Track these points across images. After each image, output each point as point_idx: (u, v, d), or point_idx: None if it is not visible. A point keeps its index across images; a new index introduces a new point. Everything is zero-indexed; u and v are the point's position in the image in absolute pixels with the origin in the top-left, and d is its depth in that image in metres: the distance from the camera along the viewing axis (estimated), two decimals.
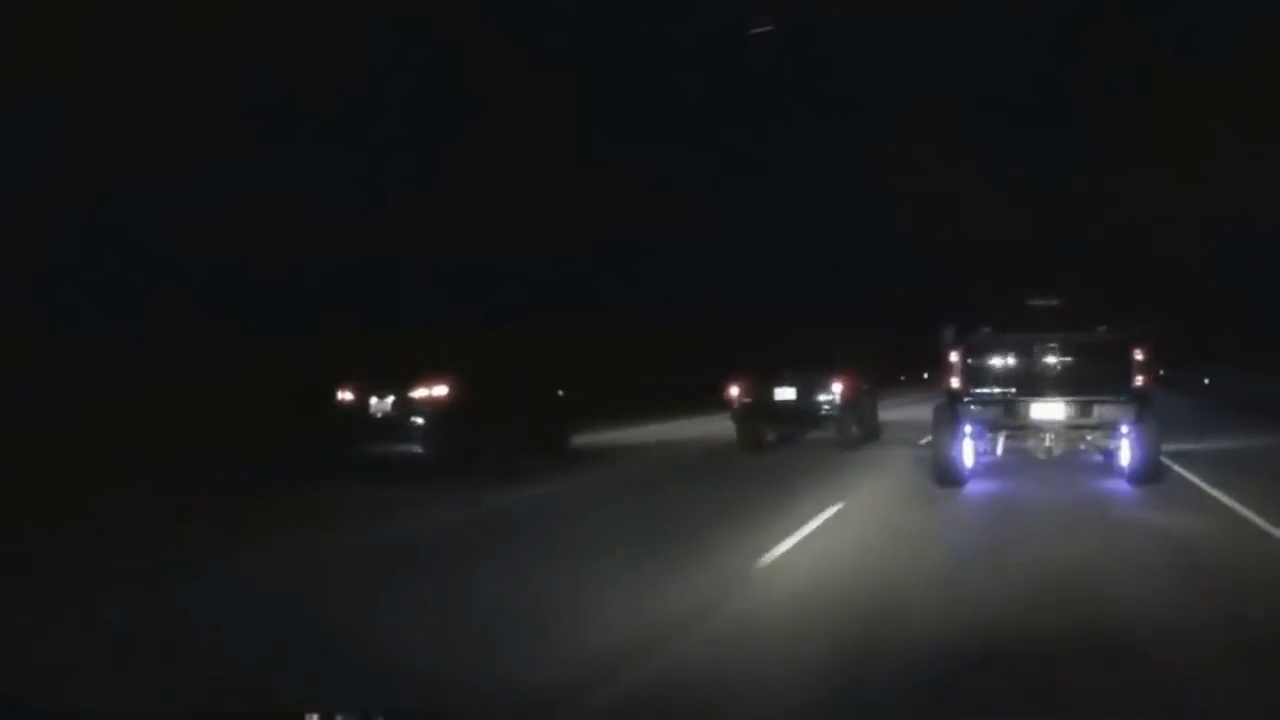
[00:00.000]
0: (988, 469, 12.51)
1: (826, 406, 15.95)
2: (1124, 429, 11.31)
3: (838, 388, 15.91)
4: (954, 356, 11.42)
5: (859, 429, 16.48)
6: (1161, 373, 47.94)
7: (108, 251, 16.48)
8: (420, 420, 12.61)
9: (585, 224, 25.85)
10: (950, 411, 11.49)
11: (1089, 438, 11.91)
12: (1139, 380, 11.13)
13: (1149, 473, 11.22)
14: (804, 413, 16.21)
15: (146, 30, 16.61)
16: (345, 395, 13.06)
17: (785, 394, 16.16)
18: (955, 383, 11.43)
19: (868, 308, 38.73)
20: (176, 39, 17.18)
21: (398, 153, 21.23)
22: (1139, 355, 11.12)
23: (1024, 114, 37.52)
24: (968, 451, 11.68)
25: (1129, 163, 35.54)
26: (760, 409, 16.30)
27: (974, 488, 11.41)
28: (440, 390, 12.69)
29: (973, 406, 11.50)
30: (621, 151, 27.24)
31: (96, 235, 16.24)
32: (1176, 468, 12.26)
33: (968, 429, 11.57)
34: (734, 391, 16.40)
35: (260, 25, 17.71)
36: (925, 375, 35.61)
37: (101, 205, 16.17)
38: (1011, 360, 11.58)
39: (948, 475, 11.44)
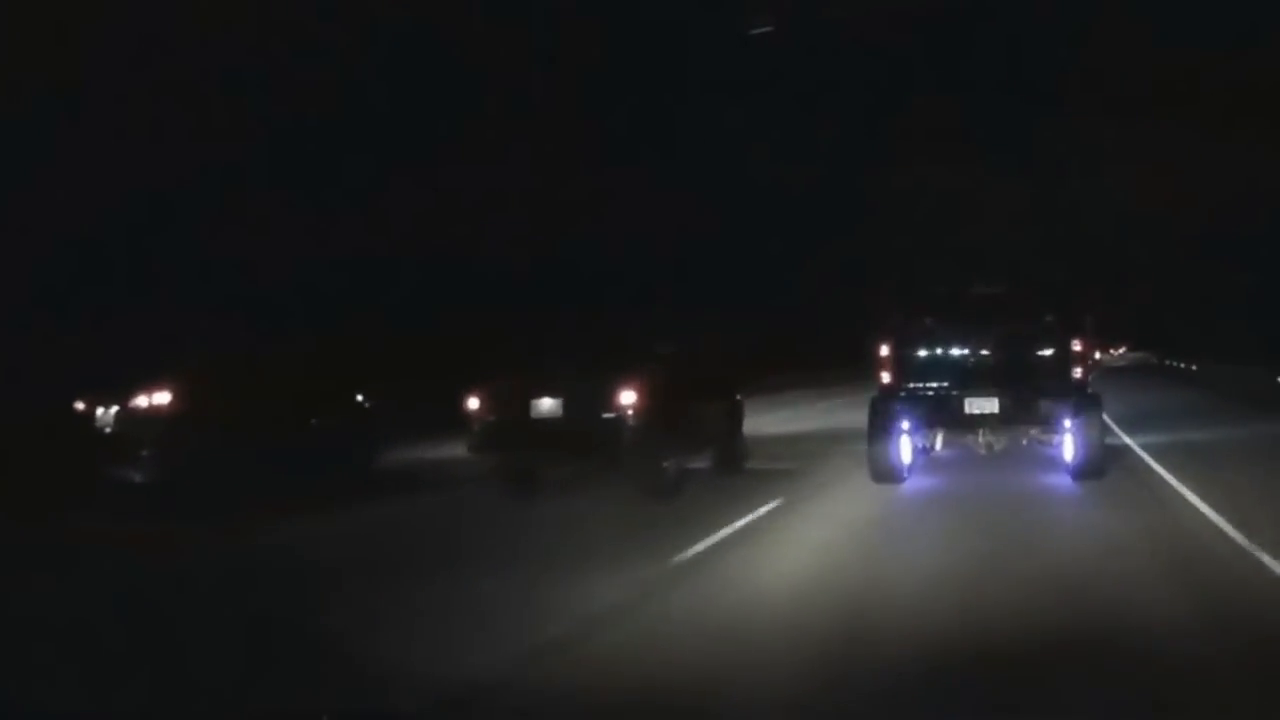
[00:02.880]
0: (925, 467, 11.98)
1: (613, 427, 10.26)
2: (1066, 423, 10.85)
3: (629, 398, 10.23)
4: (885, 349, 10.95)
5: (714, 460, 11.93)
6: (1166, 361, 48.06)
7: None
8: (142, 435, 10.31)
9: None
10: (884, 407, 11.02)
11: (1032, 432, 11.43)
12: (1078, 372, 10.66)
13: (1092, 469, 10.72)
14: (576, 436, 10.44)
15: (145, 30, 16.40)
16: (78, 405, 10.92)
17: (547, 408, 10.62)
18: (887, 377, 10.95)
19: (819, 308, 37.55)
20: (175, 38, 16.96)
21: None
22: (1077, 346, 10.65)
23: (1023, 113, 37.08)
24: (904, 449, 11.21)
25: (1128, 162, 35.21)
26: (510, 431, 10.70)
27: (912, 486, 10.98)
28: (162, 397, 10.29)
29: (908, 402, 11.03)
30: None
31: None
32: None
33: (905, 425, 11.11)
34: (473, 405, 10.92)
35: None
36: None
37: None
38: (948, 352, 11.11)
39: (884, 473, 10.96)
